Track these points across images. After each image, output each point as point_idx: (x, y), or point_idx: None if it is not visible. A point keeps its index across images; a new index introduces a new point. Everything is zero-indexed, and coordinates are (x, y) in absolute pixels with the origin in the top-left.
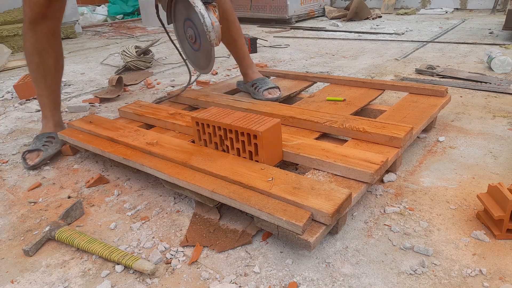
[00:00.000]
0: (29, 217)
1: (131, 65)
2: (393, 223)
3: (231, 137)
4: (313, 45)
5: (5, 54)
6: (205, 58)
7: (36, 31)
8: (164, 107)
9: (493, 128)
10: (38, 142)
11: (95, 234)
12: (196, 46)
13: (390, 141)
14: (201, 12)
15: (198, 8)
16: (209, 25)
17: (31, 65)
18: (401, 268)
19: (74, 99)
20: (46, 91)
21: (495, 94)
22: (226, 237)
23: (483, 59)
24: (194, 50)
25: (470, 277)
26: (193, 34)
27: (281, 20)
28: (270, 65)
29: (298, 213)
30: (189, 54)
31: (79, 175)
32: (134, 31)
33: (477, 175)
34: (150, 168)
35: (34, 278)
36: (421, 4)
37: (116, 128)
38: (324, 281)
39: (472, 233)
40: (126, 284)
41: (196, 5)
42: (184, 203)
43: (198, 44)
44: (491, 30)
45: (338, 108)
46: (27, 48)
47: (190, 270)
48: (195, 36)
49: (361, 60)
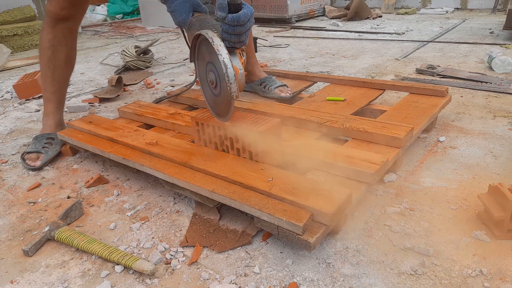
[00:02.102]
0: (29, 217)
1: (130, 65)
2: (394, 223)
3: (231, 137)
4: (313, 45)
5: (5, 54)
6: (223, 106)
7: (55, 28)
8: (164, 107)
9: (493, 128)
10: (38, 143)
11: (94, 234)
12: (216, 92)
13: (390, 141)
14: (224, 62)
15: (221, 57)
16: (231, 76)
17: (43, 59)
18: (401, 268)
19: (73, 99)
20: (52, 87)
21: (496, 94)
22: (226, 237)
23: (483, 59)
24: (214, 95)
25: (470, 278)
26: (214, 79)
27: (281, 20)
28: (270, 64)
29: (298, 214)
30: (208, 96)
31: (79, 175)
32: (133, 30)
33: (478, 175)
34: (149, 168)
35: (34, 279)
36: (421, 3)
37: (116, 128)
38: (324, 282)
39: (473, 233)
40: (125, 285)
41: (220, 53)
42: (184, 203)
43: (218, 91)
44: (492, 29)
45: (339, 108)
46: (42, 41)
47: (190, 271)
48: (216, 82)
49: (361, 60)
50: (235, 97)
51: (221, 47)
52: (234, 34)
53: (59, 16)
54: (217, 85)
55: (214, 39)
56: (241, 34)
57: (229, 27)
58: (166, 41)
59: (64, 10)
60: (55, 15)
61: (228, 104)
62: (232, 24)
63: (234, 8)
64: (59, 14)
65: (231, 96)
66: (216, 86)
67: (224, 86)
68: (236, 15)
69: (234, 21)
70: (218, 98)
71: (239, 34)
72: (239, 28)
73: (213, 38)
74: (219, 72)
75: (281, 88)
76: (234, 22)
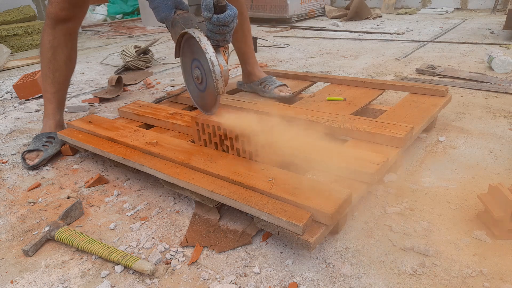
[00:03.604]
0: (29, 217)
1: (130, 64)
2: (394, 223)
3: (231, 137)
4: (313, 45)
5: (5, 54)
6: (209, 101)
7: (55, 29)
8: (164, 107)
9: (493, 128)
10: (38, 142)
11: (94, 234)
12: (201, 87)
13: (390, 141)
14: (211, 60)
15: (208, 55)
16: (218, 73)
17: (43, 60)
18: (401, 268)
19: (73, 99)
20: (53, 87)
21: (496, 94)
22: (226, 237)
23: (483, 59)
24: (199, 90)
25: (470, 278)
26: (200, 75)
27: (281, 20)
28: (270, 65)
29: (298, 214)
30: (192, 91)
31: (79, 175)
32: (133, 30)
33: (478, 175)
34: (149, 168)
35: (34, 279)
36: (421, 3)
37: (116, 128)
38: (324, 282)
39: (473, 233)
40: (125, 285)
41: (207, 51)
42: (183, 203)
43: (203, 86)
44: (492, 29)
45: (339, 108)
46: (43, 43)
47: (190, 271)
48: (201, 77)
49: (361, 60)
50: (221, 92)
51: (208, 46)
52: (219, 33)
53: (59, 17)
54: (203, 81)
55: (201, 38)
56: (226, 33)
57: (214, 26)
58: (166, 41)
59: (64, 11)
60: (56, 17)
61: (213, 99)
62: (217, 24)
63: (219, 9)
64: (59, 15)
65: (218, 91)
66: (202, 82)
67: (210, 82)
68: (221, 15)
69: (219, 22)
70: (203, 93)
71: (223, 33)
72: (224, 28)
73: (200, 37)
74: (205, 69)
75: (281, 88)
76: (220, 22)
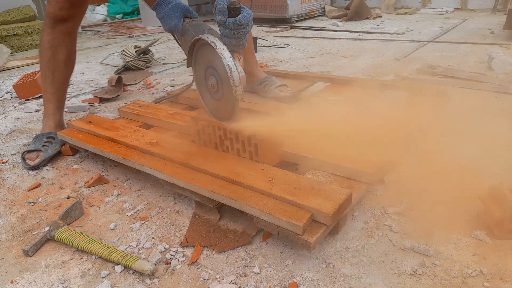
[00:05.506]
0: (29, 217)
1: (130, 64)
2: (394, 223)
3: (231, 137)
4: (313, 45)
5: (5, 54)
6: (226, 110)
7: (54, 29)
8: (164, 107)
9: (493, 128)
10: (38, 142)
11: (94, 234)
12: (217, 96)
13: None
14: (229, 65)
15: (226, 61)
16: (236, 79)
17: (43, 60)
18: (401, 268)
19: (73, 99)
20: (52, 87)
21: (496, 94)
22: (226, 237)
23: (483, 59)
24: (215, 99)
25: (470, 277)
26: (215, 83)
27: (281, 20)
28: (270, 64)
29: (298, 214)
30: (207, 101)
31: (79, 175)
32: (133, 30)
33: (478, 175)
34: (149, 168)
35: (34, 279)
36: (421, 3)
37: (116, 128)
38: (324, 282)
39: (473, 233)
40: (125, 285)
41: (223, 57)
42: (183, 203)
43: (219, 94)
44: (492, 30)
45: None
46: (42, 42)
47: (190, 271)
48: (217, 85)
49: (361, 60)
50: (241, 99)
51: (224, 50)
52: (234, 38)
53: (59, 17)
54: (219, 89)
55: (216, 43)
56: (241, 37)
57: (229, 31)
58: (166, 41)
59: (63, 10)
60: (55, 16)
61: (231, 107)
62: (232, 28)
63: (234, 12)
64: (58, 15)
65: (237, 98)
66: (218, 90)
67: (227, 89)
68: (236, 19)
69: (234, 25)
70: (219, 102)
71: (239, 37)
72: (239, 32)
73: (215, 42)
74: (222, 76)
75: (281, 88)
76: (234, 26)
